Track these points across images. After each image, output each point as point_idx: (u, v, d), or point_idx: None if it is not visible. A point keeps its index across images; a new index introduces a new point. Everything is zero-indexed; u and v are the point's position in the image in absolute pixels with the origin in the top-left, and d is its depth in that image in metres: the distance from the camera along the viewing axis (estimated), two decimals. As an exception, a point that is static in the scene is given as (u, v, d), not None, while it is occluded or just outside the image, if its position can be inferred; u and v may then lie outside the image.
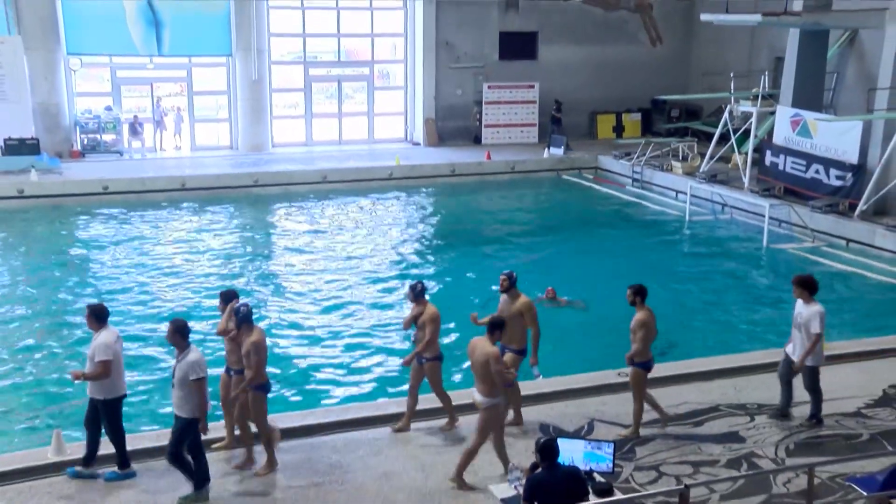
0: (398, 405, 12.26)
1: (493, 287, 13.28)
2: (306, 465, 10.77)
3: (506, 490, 9.92)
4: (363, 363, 15.49)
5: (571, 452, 9.26)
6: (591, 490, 8.73)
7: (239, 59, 32.18)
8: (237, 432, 10.94)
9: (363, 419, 11.97)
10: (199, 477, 9.94)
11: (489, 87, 33.87)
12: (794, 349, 11.68)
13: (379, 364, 15.43)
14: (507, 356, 11.32)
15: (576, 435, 11.12)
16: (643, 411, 11.39)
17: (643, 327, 11.10)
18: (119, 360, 10.27)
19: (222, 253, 22.28)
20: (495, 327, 10.16)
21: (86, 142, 31.20)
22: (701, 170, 27.43)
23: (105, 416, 10.26)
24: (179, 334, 9.93)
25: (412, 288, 11.71)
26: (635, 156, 29.66)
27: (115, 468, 10.41)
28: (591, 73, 35.50)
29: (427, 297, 11.70)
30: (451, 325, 15.46)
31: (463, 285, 19.60)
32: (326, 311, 17.97)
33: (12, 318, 17.77)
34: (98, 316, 10.39)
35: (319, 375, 14.97)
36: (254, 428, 10.70)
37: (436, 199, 27.94)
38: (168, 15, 31.48)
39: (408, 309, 12.68)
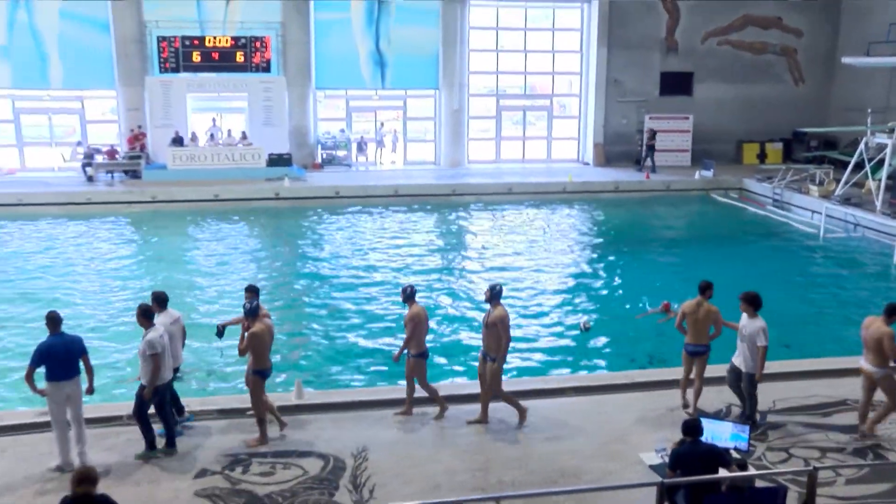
0: (560, 381, 12.28)
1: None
2: (500, 424, 10.80)
3: (653, 458, 9.70)
4: (542, 343, 15.14)
5: (720, 432, 8.89)
6: (729, 464, 8.35)
7: (444, 92, 32.60)
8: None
9: (537, 391, 11.86)
10: (169, 436, 10.06)
11: (650, 118, 33.00)
12: (741, 360, 10.61)
13: (543, 341, 15.11)
14: (481, 364, 10.78)
15: (716, 416, 10.63)
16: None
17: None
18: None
19: (423, 247, 22.46)
20: (892, 312, 10.03)
21: (324, 156, 32.30)
22: (836, 193, 25.80)
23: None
24: (143, 316, 9.91)
25: (403, 290, 10.97)
26: (776, 179, 28.30)
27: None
28: (739, 108, 34.17)
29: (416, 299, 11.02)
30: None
31: (623, 285, 19.13)
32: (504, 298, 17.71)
33: (263, 289, 18.42)
34: (159, 301, 10.50)
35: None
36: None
37: (602, 211, 27.38)
38: (391, 57, 32.27)
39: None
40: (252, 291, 11.03)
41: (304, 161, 31.39)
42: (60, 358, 9.56)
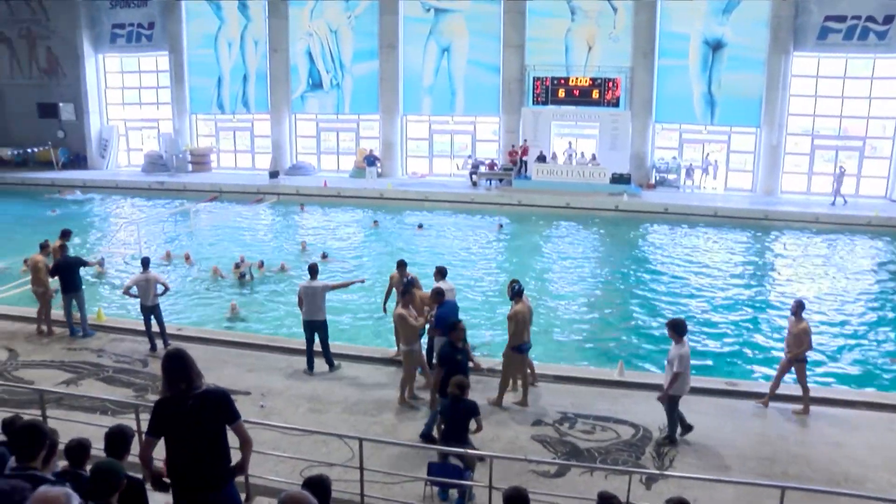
0: (851, 394, 11.15)
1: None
2: (788, 423, 10.16)
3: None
4: (833, 358, 13.83)
5: None
6: None
7: (764, 130, 30.52)
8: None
9: (827, 399, 10.98)
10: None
11: (966, 163, 28.43)
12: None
13: (834, 356, 13.82)
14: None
15: None
16: None
17: None
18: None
19: (735, 262, 21.31)
20: None
21: (657, 178, 31.69)
22: None
23: None
24: (436, 293, 10.40)
25: (511, 287, 10.38)
26: None
27: None
28: None
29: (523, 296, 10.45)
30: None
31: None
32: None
33: (598, 281, 18.84)
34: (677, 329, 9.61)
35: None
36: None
37: (903, 245, 24.06)
38: (720, 98, 30.88)
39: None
40: (441, 274, 11.36)
41: (641, 181, 31.11)
42: (446, 320, 10.46)
